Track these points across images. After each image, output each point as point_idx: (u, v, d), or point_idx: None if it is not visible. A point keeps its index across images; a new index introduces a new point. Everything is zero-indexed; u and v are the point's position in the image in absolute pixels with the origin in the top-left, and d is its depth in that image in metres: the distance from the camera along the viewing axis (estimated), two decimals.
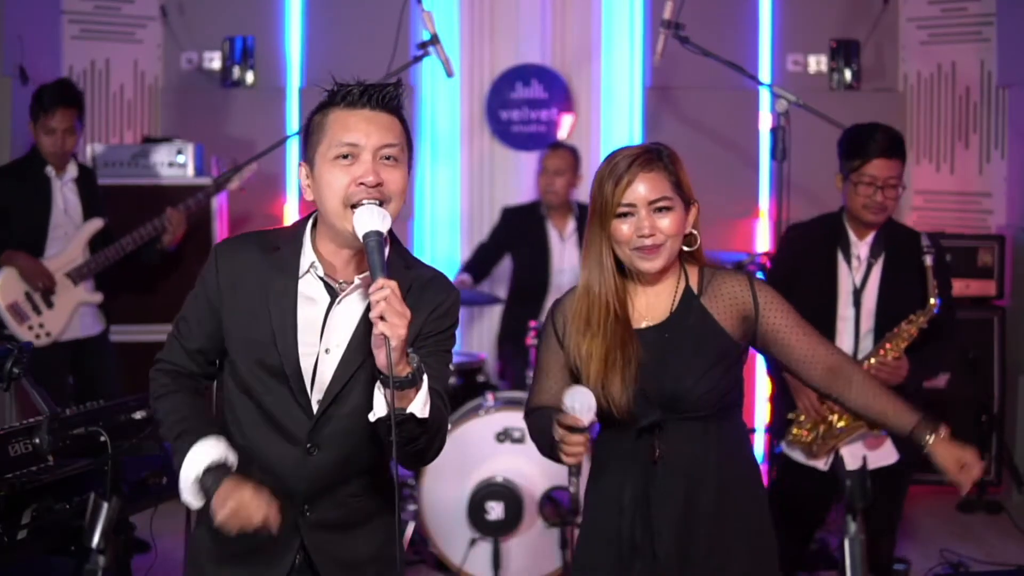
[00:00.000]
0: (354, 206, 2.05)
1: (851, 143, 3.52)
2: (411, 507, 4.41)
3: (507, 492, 4.23)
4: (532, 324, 4.80)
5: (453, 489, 4.23)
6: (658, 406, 2.31)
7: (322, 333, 2.14)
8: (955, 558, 4.51)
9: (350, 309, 2.15)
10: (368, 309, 1.98)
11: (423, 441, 2.06)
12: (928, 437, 2.42)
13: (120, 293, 4.97)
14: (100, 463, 2.53)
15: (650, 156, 2.33)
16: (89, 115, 5.91)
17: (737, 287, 2.37)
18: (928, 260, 3.44)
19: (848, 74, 6.13)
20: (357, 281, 2.14)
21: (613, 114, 6.29)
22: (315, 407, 2.15)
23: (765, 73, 6.16)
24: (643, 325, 2.37)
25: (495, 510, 4.22)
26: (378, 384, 1.99)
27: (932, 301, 3.42)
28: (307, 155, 2.14)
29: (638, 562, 2.36)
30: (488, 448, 4.28)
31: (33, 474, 2.51)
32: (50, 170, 4.55)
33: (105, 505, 2.46)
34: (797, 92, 4.58)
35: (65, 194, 4.61)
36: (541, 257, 5.47)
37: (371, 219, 2.01)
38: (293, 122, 6.07)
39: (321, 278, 2.15)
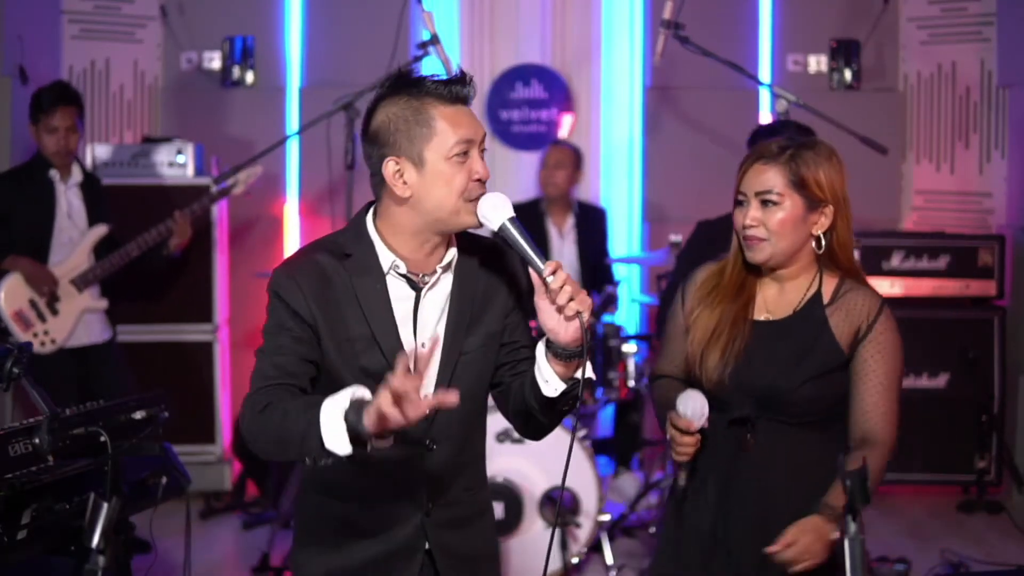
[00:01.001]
0: (469, 200, 2.08)
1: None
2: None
3: (507, 492, 4.23)
4: (532, 324, 4.78)
5: None
6: (753, 401, 2.32)
7: (415, 326, 2.13)
8: (955, 558, 4.51)
9: (435, 300, 2.15)
10: (456, 293, 2.12)
11: (569, 408, 2.13)
12: (825, 514, 2.24)
13: (123, 294, 4.97)
14: (100, 463, 2.52)
15: (776, 149, 2.31)
16: (89, 115, 5.90)
17: (865, 306, 2.34)
18: (855, 254, 3.49)
19: (848, 74, 6.13)
20: (438, 271, 2.14)
21: (613, 114, 6.29)
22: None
23: (765, 73, 6.16)
24: (762, 317, 2.37)
25: (495, 510, 4.21)
26: (546, 357, 2.04)
27: None
28: (404, 150, 2.06)
29: (719, 557, 2.37)
30: (488, 448, 4.27)
31: (33, 474, 2.51)
32: (54, 174, 4.54)
33: (105, 505, 2.45)
34: (797, 92, 4.58)
35: (69, 199, 4.60)
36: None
37: (500, 208, 2.07)
38: (293, 122, 6.06)
39: (403, 275, 2.13)
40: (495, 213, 2.06)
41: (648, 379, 2.54)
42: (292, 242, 6.05)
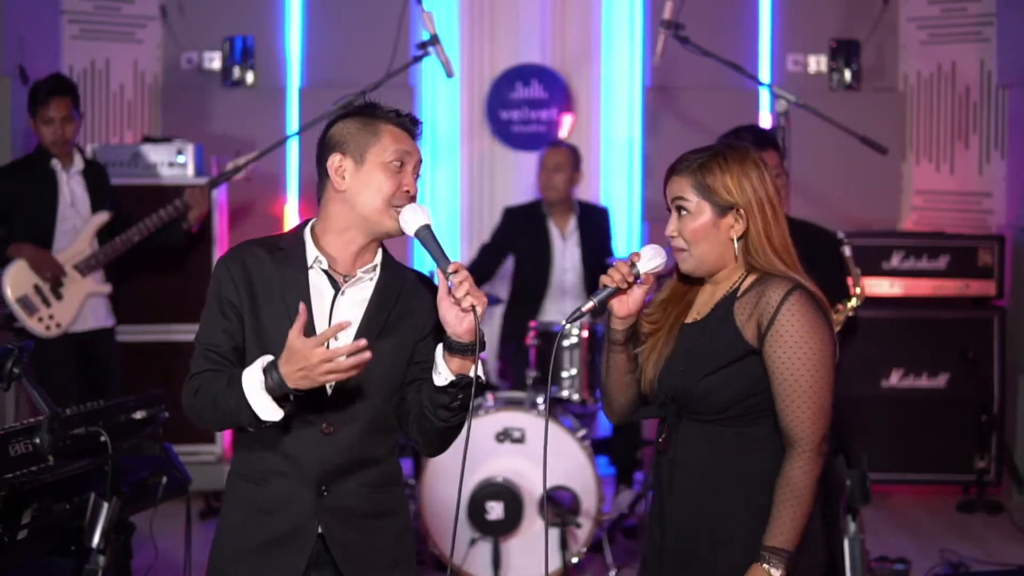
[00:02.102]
0: (394, 206, 2.30)
1: None
2: (411, 507, 4.41)
3: (507, 492, 4.23)
4: (532, 324, 4.80)
5: (453, 488, 4.22)
6: (673, 402, 2.33)
7: (330, 321, 2.32)
8: (955, 558, 4.51)
9: (353, 299, 2.34)
10: (375, 297, 2.33)
11: (465, 415, 2.29)
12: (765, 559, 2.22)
13: (123, 293, 5.01)
14: (100, 463, 2.53)
15: (683, 158, 2.37)
16: (89, 115, 5.90)
17: (770, 295, 2.26)
18: (847, 251, 3.52)
19: (848, 74, 6.13)
20: (359, 274, 2.34)
21: (613, 114, 6.29)
22: (328, 389, 2.28)
23: (765, 73, 6.16)
24: (690, 319, 2.39)
25: (495, 510, 4.22)
26: (441, 351, 2.24)
27: (858, 291, 3.53)
28: (350, 149, 2.33)
29: (652, 550, 2.38)
30: (488, 448, 4.28)
31: (33, 474, 2.51)
32: (55, 164, 4.60)
33: (105, 505, 2.46)
34: (797, 92, 4.58)
35: (72, 187, 4.66)
36: (542, 256, 5.45)
37: (419, 216, 2.28)
38: (293, 122, 6.07)
39: (325, 271, 2.34)
40: (414, 218, 2.28)
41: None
42: None
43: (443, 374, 2.24)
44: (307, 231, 2.39)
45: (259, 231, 5.97)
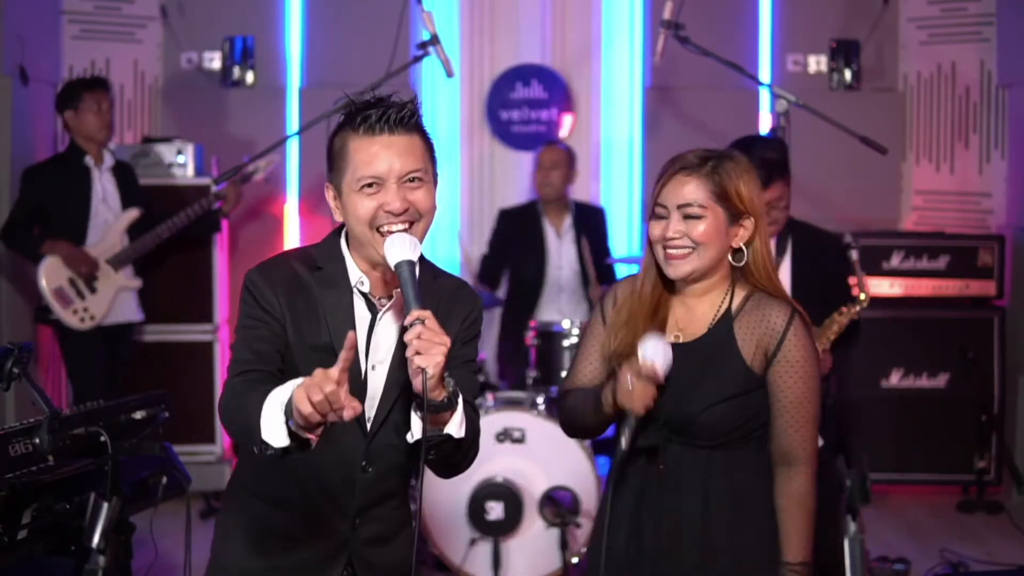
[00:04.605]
0: (380, 230, 2.05)
1: None
2: (411, 507, 4.41)
3: (507, 492, 4.23)
4: (532, 324, 4.80)
5: (453, 489, 4.22)
6: (664, 427, 2.27)
7: (367, 349, 2.13)
8: (955, 558, 4.51)
9: (390, 325, 2.14)
10: (404, 328, 1.95)
11: (458, 457, 2.12)
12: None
13: (142, 293, 5.08)
14: (100, 463, 2.52)
15: (695, 160, 2.25)
16: None
17: (774, 319, 2.24)
18: (854, 255, 3.53)
19: (848, 74, 6.13)
20: (395, 297, 2.14)
21: (613, 114, 6.29)
22: (368, 424, 2.15)
23: (765, 73, 6.16)
24: (672, 339, 2.28)
25: (495, 510, 4.22)
26: (414, 406, 2.02)
27: (863, 296, 3.55)
28: (333, 179, 2.12)
29: (617, 561, 2.32)
30: (488, 448, 4.28)
31: (33, 474, 2.51)
32: (89, 160, 4.83)
33: (105, 505, 2.45)
34: (797, 92, 4.57)
35: (103, 184, 4.89)
36: (538, 255, 5.47)
37: (402, 248, 2.00)
38: (293, 122, 6.06)
39: (364, 294, 2.14)
40: (396, 252, 2.00)
41: (557, 396, 2.41)
42: (292, 242, 6.05)
43: (412, 430, 2.04)
44: (344, 247, 2.16)
45: (259, 231, 5.98)
